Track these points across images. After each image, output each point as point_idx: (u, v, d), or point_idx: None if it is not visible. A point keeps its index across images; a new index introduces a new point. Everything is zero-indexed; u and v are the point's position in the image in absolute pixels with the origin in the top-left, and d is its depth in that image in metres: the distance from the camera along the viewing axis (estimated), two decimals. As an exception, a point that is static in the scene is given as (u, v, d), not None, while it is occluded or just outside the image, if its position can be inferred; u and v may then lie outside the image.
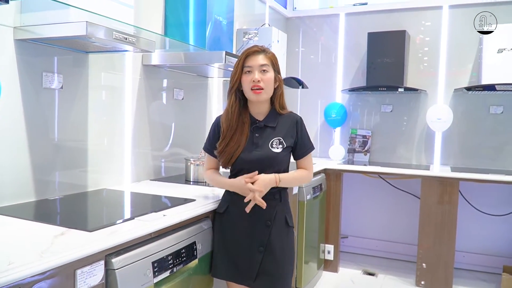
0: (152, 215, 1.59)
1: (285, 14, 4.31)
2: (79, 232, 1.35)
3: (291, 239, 1.87)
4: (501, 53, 3.44)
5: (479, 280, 3.58)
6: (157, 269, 1.49)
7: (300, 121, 1.87)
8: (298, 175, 1.88)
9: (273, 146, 1.80)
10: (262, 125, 1.82)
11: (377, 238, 4.11)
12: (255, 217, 1.78)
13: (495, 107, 3.72)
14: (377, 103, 4.10)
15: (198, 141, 2.94)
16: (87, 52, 2.00)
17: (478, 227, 3.77)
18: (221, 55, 2.21)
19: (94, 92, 2.08)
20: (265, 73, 1.77)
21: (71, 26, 1.53)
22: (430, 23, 3.90)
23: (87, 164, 2.07)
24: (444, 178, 3.31)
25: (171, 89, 2.65)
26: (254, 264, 1.77)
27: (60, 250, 1.17)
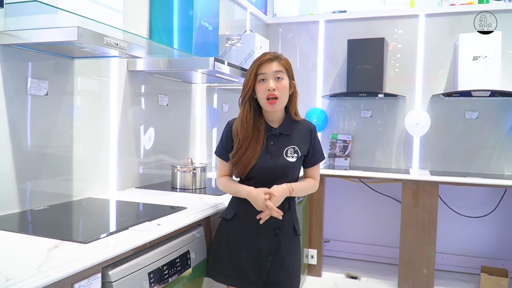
0: (146, 225, 1.56)
1: (265, 21, 4.33)
2: (73, 244, 1.31)
3: (298, 247, 1.86)
4: (476, 61, 3.55)
5: (458, 280, 3.67)
6: (153, 280, 1.45)
7: (314, 129, 1.85)
8: (308, 185, 1.84)
9: (287, 155, 1.76)
10: (277, 132, 1.79)
11: (359, 242, 4.16)
12: (264, 225, 1.74)
13: (470, 113, 3.84)
14: (357, 109, 4.16)
15: (182, 147, 2.91)
16: (72, 57, 1.95)
17: (456, 229, 3.86)
18: (209, 61, 2.20)
19: (79, 98, 2.03)
20: (279, 81, 1.73)
21: (61, 31, 1.49)
22: (407, 31, 3.99)
23: (72, 173, 2.01)
24: (424, 181, 3.38)
25: (156, 95, 2.61)
26: (262, 272, 1.74)
27: (57, 264, 1.12)
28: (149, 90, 2.55)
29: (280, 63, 1.75)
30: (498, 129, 3.76)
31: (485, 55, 3.52)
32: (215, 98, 3.35)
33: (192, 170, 2.43)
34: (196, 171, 2.43)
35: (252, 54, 3.22)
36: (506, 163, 3.75)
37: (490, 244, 3.82)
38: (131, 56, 1.80)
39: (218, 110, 3.43)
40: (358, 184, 4.02)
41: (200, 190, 2.43)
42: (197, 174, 2.44)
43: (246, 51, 3.23)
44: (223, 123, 3.47)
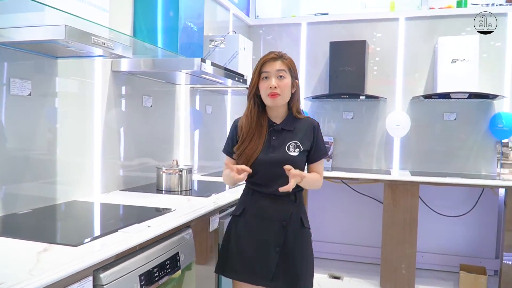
0: (136, 227, 1.54)
1: (247, 22, 4.33)
2: (63, 247, 1.28)
3: (307, 239, 1.87)
4: (454, 63, 3.63)
5: (438, 279, 3.74)
6: (144, 283, 1.43)
7: (317, 126, 1.88)
8: (314, 178, 1.86)
9: (289, 149, 1.81)
10: (279, 128, 1.84)
11: (341, 242, 4.20)
12: (271, 218, 1.80)
13: (449, 114, 3.92)
14: (339, 110, 4.20)
15: (166, 149, 2.88)
16: (56, 57, 1.90)
17: (435, 228, 3.93)
18: (195, 62, 2.18)
19: (63, 99, 1.98)
20: (282, 79, 1.79)
21: (48, 29, 1.45)
22: (387, 34, 4.06)
23: (56, 176, 1.96)
24: (405, 182, 3.44)
25: (140, 96, 2.58)
26: (270, 265, 1.78)
27: (49, 267, 1.10)
28: (133, 91, 2.52)
29: (283, 62, 1.82)
30: (475, 130, 3.86)
31: (463, 58, 3.60)
32: (199, 100, 3.33)
33: (178, 172, 2.41)
34: (182, 173, 2.41)
35: (236, 55, 3.22)
36: (483, 163, 3.85)
37: (468, 243, 3.91)
38: (118, 56, 1.76)
39: (202, 111, 3.41)
40: (340, 185, 4.06)
41: (186, 192, 2.40)
42: (183, 176, 2.42)
43: (230, 53, 3.22)
44: (207, 125, 3.49)
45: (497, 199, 3.81)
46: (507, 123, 3.62)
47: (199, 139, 3.35)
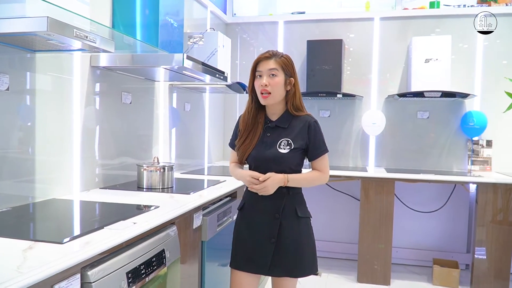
0: (121, 224, 1.51)
1: (224, 20, 4.32)
2: (49, 245, 1.24)
3: (305, 230, 1.91)
4: (427, 63, 3.73)
5: (412, 273, 3.83)
6: (131, 280, 1.41)
7: (314, 124, 1.90)
8: (309, 176, 1.92)
9: (280, 146, 1.86)
10: (273, 125, 1.91)
11: (318, 239, 4.20)
12: (265, 211, 1.88)
13: (422, 113, 4.03)
14: (316, 108, 4.24)
15: (145, 147, 2.84)
16: (34, 50, 1.85)
17: (409, 224, 4.03)
18: (175, 58, 2.16)
19: (41, 95, 1.93)
20: (273, 78, 1.85)
21: (29, 21, 1.41)
22: (363, 33, 4.12)
23: (35, 174, 1.90)
24: (381, 179, 3.51)
25: (119, 93, 2.53)
26: (267, 255, 1.86)
27: (37, 265, 1.07)
28: (113, 88, 2.47)
29: (276, 61, 1.87)
30: (447, 128, 3.97)
31: (436, 57, 3.70)
32: (178, 97, 3.30)
33: (159, 169, 2.38)
34: (163, 171, 2.38)
35: (215, 52, 3.21)
36: (454, 160, 3.96)
37: (440, 238, 4.02)
38: (100, 50, 1.73)
39: (180, 109, 3.38)
40: (318, 182, 4.09)
41: (167, 189, 2.38)
42: (165, 174, 2.39)
43: (209, 50, 3.20)
44: (185, 123, 3.46)
45: (468, 195, 3.93)
46: (478, 122, 3.75)
47: (178, 137, 3.32)
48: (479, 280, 3.35)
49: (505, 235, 3.31)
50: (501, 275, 3.30)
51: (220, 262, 2.42)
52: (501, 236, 3.32)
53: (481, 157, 3.84)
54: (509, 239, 3.31)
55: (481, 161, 3.83)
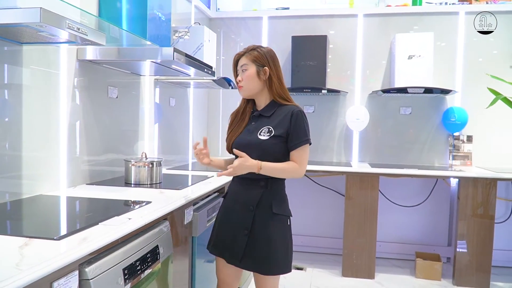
0: (117, 219, 1.48)
1: (208, 15, 4.28)
2: (45, 241, 1.21)
3: (277, 226, 1.88)
4: (411, 59, 3.78)
5: (395, 266, 3.90)
6: (127, 276, 1.39)
7: (297, 113, 1.88)
8: (283, 167, 1.86)
9: (260, 133, 1.88)
10: (257, 114, 1.96)
11: (303, 234, 4.27)
12: (241, 201, 1.91)
13: (405, 108, 4.09)
14: (300, 104, 4.18)
15: (131, 142, 2.80)
16: (22, 43, 1.79)
17: (392, 218, 4.09)
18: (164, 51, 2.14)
19: (28, 89, 1.87)
20: (244, 72, 1.93)
21: (21, 12, 1.36)
22: (347, 30, 4.15)
23: (21, 170, 1.85)
24: (366, 173, 3.55)
25: (105, 87, 2.48)
26: (240, 246, 1.87)
27: (36, 262, 1.04)
28: (99, 82, 2.42)
29: (247, 56, 1.94)
30: (429, 124, 4.04)
31: (419, 54, 3.76)
32: (163, 92, 3.26)
33: (147, 164, 2.35)
34: (152, 166, 2.35)
35: (201, 47, 3.17)
36: (436, 155, 4.04)
37: (422, 232, 4.10)
38: (91, 42, 1.69)
39: (165, 104, 3.34)
40: (302, 177, 4.12)
41: (156, 185, 2.35)
42: (153, 169, 2.36)
43: (195, 44, 3.17)
44: (170, 118, 3.42)
45: (449, 190, 4.02)
46: (459, 117, 3.83)
47: (163, 132, 3.28)
48: (461, 272, 3.43)
49: (486, 229, 3.40)
50: (482, 267, 3.39)
51: (209, 258, 2.41)
52: (482, 229, 3.40)
53: (461, 152, 3.93)
54: (489, 232, 3.39)
55: (462, 156, 3.92)
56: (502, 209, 3.86)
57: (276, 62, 1.97)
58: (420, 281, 3.55)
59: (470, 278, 3.42)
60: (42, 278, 1.01)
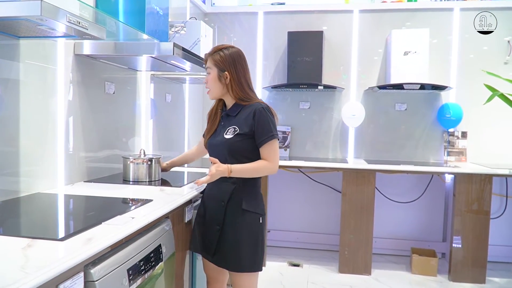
0: (119, 218, 1.45)
1: (203, 9, 4.23)
2: (48, 242, 1.18)
3: (247, 222, 1.91)
4: (406, 55, 3.78)
5: (391, 262, 3.91)
6: (131, 277, 1.36)
7: (259, 110, 1.90)
8: (254, 166, 1.90)
9: (227, 133, 1.93)
10: (225, 114, 2.01)
11: (299, 231, 4.26)
12: (215, 198, 1.96)
13: (400, 104, 4.09)
14: (296, 100, 4.23)
15: (128, 138, 2.75)
16: (19, 37, 1.74)
17: (387, 214, 4.10)
18: (166, 47, 2.10)
19: (25, 84, 1.82)
20: (208, 75, 1.99)
21: (21, 4, 1.32)
22: (342, 26, 4.13)
23: (19, 167, 1.80)
24: (362, 170, 3.55)
25: (103, 82, 2.44)
26: (212, 241, 1.93)
27: (41, 264, 1.00)
28: (96, 77, 2.37)
29: (210, 59, 1.98)
30: (424, 120, 4.05)
31: (414, 50, 3.76)
32: (159, 88, 3.22)
33: (146, 161, 2.31)
34: (150, 163, 2.32)
35: (198, 42, 3.13)
36: (431, 151, 4.05)
37: (418, 227, 4.11)
38: (91, 37, 1.65)
39: (161, 100, 3.29)
40: (297, 174, 4.11)
41: (154, 182, 2.31)
42: (152, 166, 2.33)
43: (191, 39, 3.13)
44: (167, 114, 3.38)
45: (443, 186, 4.04)
46: (454, 113, 3.84)
47: (158, 129, 3.24)
48: (456, 268, 3.45)
49: (481, 224, 3.42)
50: (478, 263, 3.41)
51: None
52: (477, 225, 3.42)
53: (456, 148, 3.94)
54: (485, 228, 3.42)
55: (457, 152, 3.94)
56: (496, 205, 3.89)
57: (238, 65, 1.96)
58: (416, 277, 3.57)
59: (466, 274, 3.44)
60: (48, 281, 0.98)
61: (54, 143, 2.03)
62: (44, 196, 1.85)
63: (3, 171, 1.72)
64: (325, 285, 3.35)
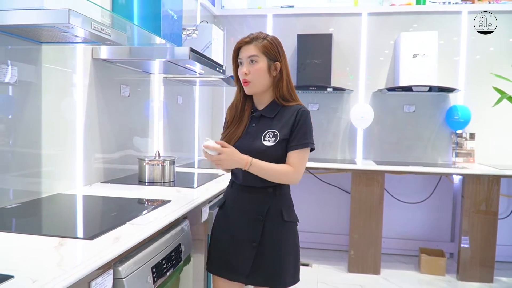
0: (142, 218, 1.50)
1: (213, 12, 4.29)
2: (79, 241, 1.24)
3: (289, 234, 1.73)
4: (415, 58, 3.81)
5: (400, 262, 3.94)
6: (155, 275, 1.41)
7: (303, 113, 1.69)
8: (277, 168, 1.65)
9: (265, 138, 1.67)
10: (259, 114, 1.73)
11: (309, 231, 4.30)
12: (248, 211, 1.71)
13: (408, 106, 4.12)
14: (305, 102, 4.25)
15: (142, 140, 2.81)
16: (41, 42, 1.80)
17: (396, 214, 4.13)
18: (182, 51, 2.15)
19: (47, 88, 1.88)
20: (253, 64, 1.66)
21: (49, 13, 1.37)
22: (351, 28, 4.18)
23: (41, 169, 1.86)
24: (372, 171, 3.59)
25: (118, 85, 2.49)
26: (247, 260, 1.69)
27: (76, 262, 1.06)
28: (112, 80, 2.43)
29: (256, 46, 1.67)
30: (432, 121, 4.09)
31: (423, 53, 3.79)
32: (170, 90, 3.27)
33: (161, 163, 2.36)
34: (165, 164, 2.37)
35: (209, 45, 3.18)
36: (439, 152, 4.09)
37: (426, 228, 4.14)
38: (112, 42, 1.70)
39: (173, 102, 3.35)
40: (307, 175, 4.15)
41: (169, 183, 2.37)
42: (166, 167, 2.38)
43: (203, 42, 3.18)
44: (178, 115, 3.43)
45: (451, 186, 4.07)
46: (462, 115, 3.87)
47: (169, 130, 3.29)
48: (465, 268, 3.48)
49: (489, 225, 3.45)
50: (486, 263, 3.44)
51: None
52: (485, 225, 3.46)
53: (464, 150, 3.97)
54: (493, 228, 3.45)
55: (465, 153, 3.97)
56: (504, 205, 3.91)
57: (285, 56, 1.74)
58: (425, 276, 3.60)
59: (474, 273, 3.47)
60: (83, 278, 1.03)
61: (73, 145, 2.09)
62: (64, 196, 1.91)
63: (27, 173, 1.78)
64: (336, 285, 3.39)
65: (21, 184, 1.75)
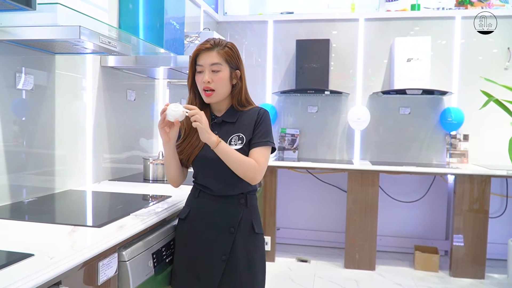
0: (145, 210, 1.69)
1: (216, 18, 4.47)
2: (88, 228, 1.42)
3: (259, 247, 1.72)
4: (409, 62, 3.97)
5: (395, 259, 4.09)
6: (155, 260, 1.59)
7: (263, 113, 1.68)
8: (243, 158, 1.60)
9: (231, 143, 1.63)
10: (220, 121, 1.68)
11: (307, 229, 4.46)
12: (218, 224, 1.64)
13: (404, 108, 4.27)
14: (304, 104, 4.45)
15: (146, 141, 3.00)
16: (54, 53, 1.99)
17: (392, 213, 4.28)
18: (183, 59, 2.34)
19: (60, 94, 2.07)
20: (216, 74, 1.60)
21: (62, 29, 1.56)
22: (348, 33, 4.34)
23: (54, 168, 2.05)
24: (367, 171, 3.74)
25: (125, 90, 2.68)
26: (216, 274, 1.62)
27: (86, 245, 1.24)
28: (119, 85, 2.62)
29: (218, 53, 1.61)
30: (427, 123, 4.23)
31: (417, 57, 3.95)
32: (174, 94, 3.46)
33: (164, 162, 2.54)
34: (168, 163, 2.55)
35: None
36: (433, 153, 4.23)
37: (421, 226, 4.29)
38: (118, 53, 1.88)
39: (177, 105, 3.53)
40: (306, 175, 4.32)
41: (172, 181, 2.55)
42: (169, 166, 2.56)
43: (205, 49, 3.36)
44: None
45: (446, 186, 4.21)
46: (456, 117, 4.01)
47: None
48: (457, 265, 3.62)
49: (481, 223, 3.59)
50: (477, 260, 3.58)
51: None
52: (477, 224, 3.59)
53: (458, 150, 4.11)
54: (484, 226, 3.58)
55: (459, 154, 4.10)
56: (497, 205, 4.04)
57: (242, 62, 1.71)
58: (419, 272, 3.74)
59: (466, 270, 3.61)
60: (92, 258, 1.21)
61: (83, 145, 2.28)
62: (75, 192, 2.10)
63: (42, 171, 1.97)
64: (331, 280, 3.55)
65: (36, 181, 1.94)
